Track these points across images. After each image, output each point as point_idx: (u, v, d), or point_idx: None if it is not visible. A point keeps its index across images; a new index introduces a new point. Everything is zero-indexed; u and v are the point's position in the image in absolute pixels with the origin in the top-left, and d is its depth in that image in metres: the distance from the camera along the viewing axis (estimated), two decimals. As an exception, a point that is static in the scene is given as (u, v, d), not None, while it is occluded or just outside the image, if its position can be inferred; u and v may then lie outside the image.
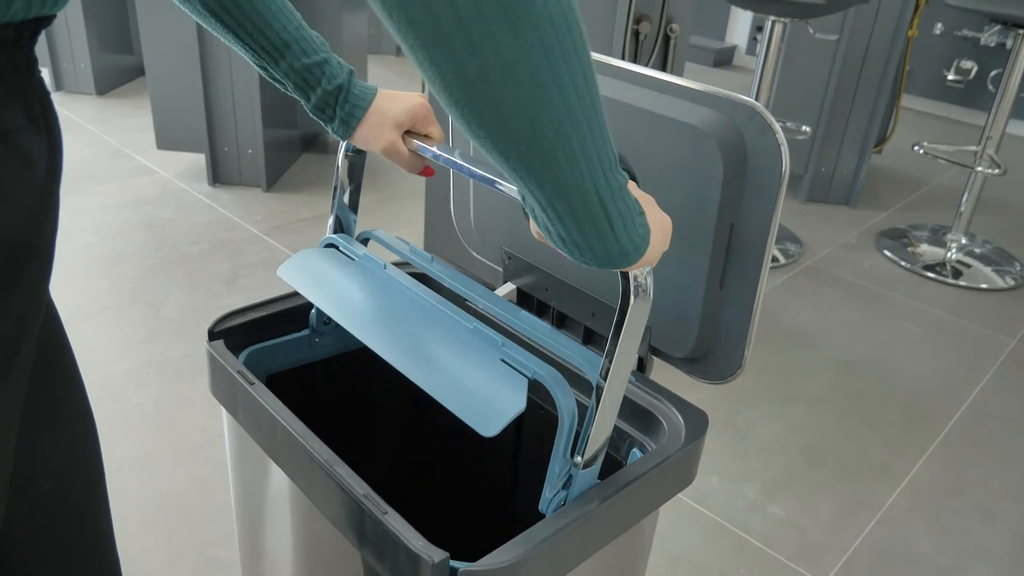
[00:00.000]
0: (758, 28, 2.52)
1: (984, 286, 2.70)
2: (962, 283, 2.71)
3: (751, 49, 5.31)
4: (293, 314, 0.96)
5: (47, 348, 0.67)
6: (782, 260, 2.75)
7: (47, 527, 0.65)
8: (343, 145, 0.90)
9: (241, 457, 0.91)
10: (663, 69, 2.13)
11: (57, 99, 3.65)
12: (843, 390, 2.11)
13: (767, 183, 0.70)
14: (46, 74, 3.77)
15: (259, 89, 2.74)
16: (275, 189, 2.93)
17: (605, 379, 0.66)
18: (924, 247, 2.92)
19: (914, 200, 3.40)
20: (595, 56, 0.79)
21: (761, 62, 2.58)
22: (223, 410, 0.89)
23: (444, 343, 0.71)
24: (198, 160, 3.03)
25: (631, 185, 0.62)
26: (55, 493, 0.68)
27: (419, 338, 0.73)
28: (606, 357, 0.65)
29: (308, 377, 1.01)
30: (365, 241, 0.92)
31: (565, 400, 0.66)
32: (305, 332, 0.96)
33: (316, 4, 2.96)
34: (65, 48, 3.66)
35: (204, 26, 0.79)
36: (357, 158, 0.91)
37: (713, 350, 0.84)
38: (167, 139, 2.87)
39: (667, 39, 2.09)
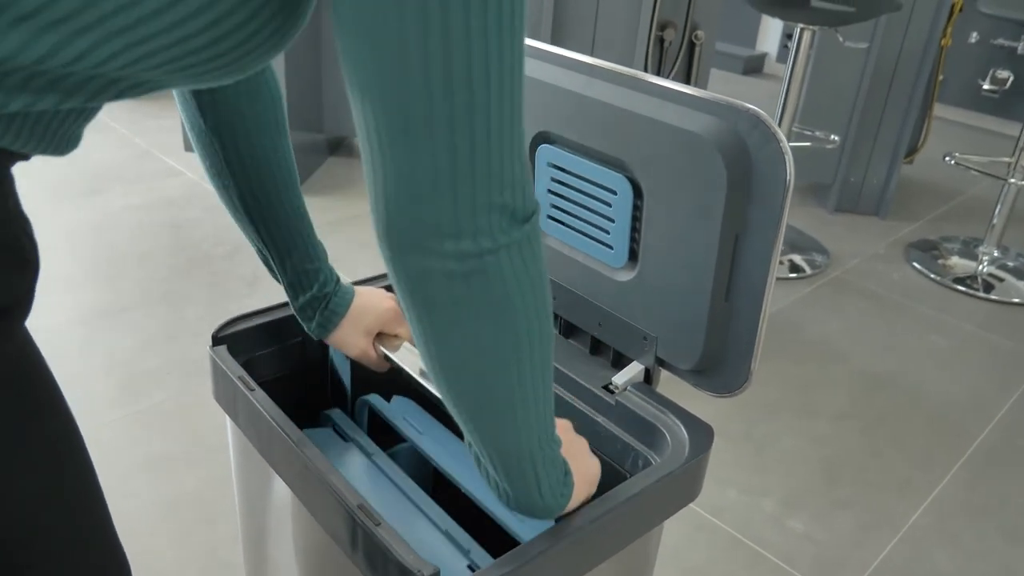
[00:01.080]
0: (788, 36, 2.49)
1: (1016, 300, 2.64)
2: (993, 297, 2.65)
3: (782, 57, 5.26)
4: (292, 322, 0.95)
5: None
6: (808, 271, 2.71)
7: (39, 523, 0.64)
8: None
9: (243, 463, 0.90)
10: (687, 76, 2.11)
11: (90, 101, 3.70)
12: (867, 404, 2.07)
13: (772, 193, 0.68)
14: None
15: (285, 92, 2.75)
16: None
17: None
18: (955, 259, 2.87)
19: (946, 211, 3.34)
20: (597, 62, 0.78)
21: (789, 70, 2.55)
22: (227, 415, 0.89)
23: (415, 545, 0.70)
24: (225, 163, 3.06)
25: (564, 427, 0.73)
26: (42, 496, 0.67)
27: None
28: None
29: (306, 383, 1.00)
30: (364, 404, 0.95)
31: None
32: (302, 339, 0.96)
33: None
34: (99, 51, 3.71)
35: (228, 212, 0.85)
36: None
37: (720, 362, 0.82)
38: (194, 141, 2.89)
39: (692, 46, 2.08)
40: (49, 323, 2.08)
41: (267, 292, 2.30)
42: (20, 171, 0.57)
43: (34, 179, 2.83)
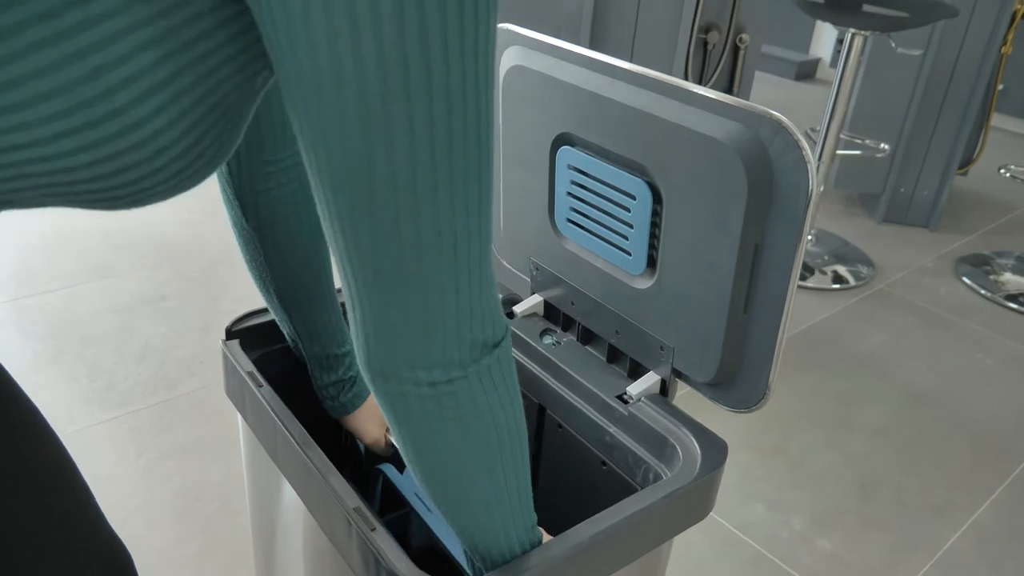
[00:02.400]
0: (840, 40, 2.42)
1: (1071, 320, 2.54)
2: (1046, 315, 2.56)
3: (835, 62, 5.14)
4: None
5: None
6: (852, 282, 2.64)
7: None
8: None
9: (252, 458, 0.90)
10: (730, 80, 2.07)
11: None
12: (907, 421, 2.01)
13: (793, 203, 0.66)
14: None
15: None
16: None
17: None
18: (1007, 276, 2.77)
19: (1000, 225, 3.23)
20: (620, 63, 0.76)
21: (839, 76, 2.48)
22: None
23: None
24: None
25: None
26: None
27: None
28: None
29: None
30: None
31: None
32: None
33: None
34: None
35: (263, 297, 0.87)
36: None
37: (737, 377, 0.80)
38: (239, 134, 2.93)
39: (736, 49, 2.03)
40: (89, 308, 2.12)
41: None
42: None
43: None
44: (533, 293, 1.00)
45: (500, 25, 0.89)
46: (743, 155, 0.66)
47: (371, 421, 0.93)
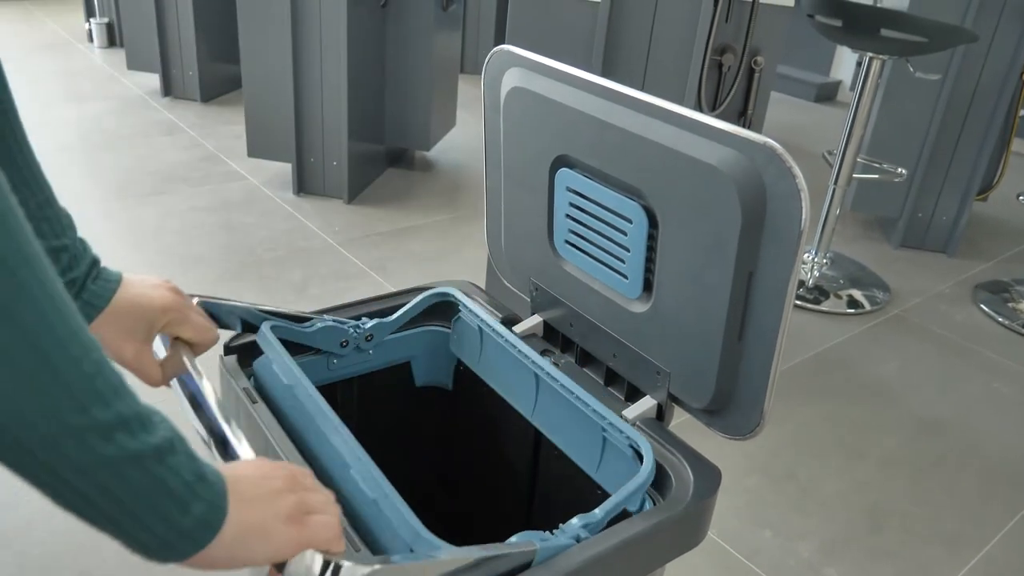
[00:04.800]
0: (859, 63, 2.42)
1: (1090, 350, 2.50)
2: (1065, 345, 2.52)
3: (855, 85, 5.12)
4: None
5: None
6: (867, 307, 2.62)
7: None
8: None
9: (246, 472, 0.90)
10: (745, 103, 2.06)
11: (164, 104, 3.82)
12: (919, 449, 1.98)
13: (786, 231, 0.65)
14: (156, 79, 3.95)
15: (347, 103, 2.79)
16: (356, 202, 2.98)
17: None
18: (1026, 303, 2.73)
19: (1019, 252, 3.19)
20: (618, 87, 0.76)
21: (856, 100, 2.47)
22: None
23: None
24: (286, 169, 3.11)
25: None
26: None
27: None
28: None
29: (329, 397, 1.00)
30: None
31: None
32: (323, 355, 0.95)
33: (411, 24, 3.01)
34: (176, 55, 3.83)
35: None
36: None
37: (732, 404, 0.79)
38: (258, 147, 2.96)
39: (751, 72, 2.03)
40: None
41: (315, 299, 2.32)
42: (93, 168, 0.53)
43: (102, 178, 2.93)
44: (533, 313, 1.00)
45: (501, 46, 0.89)
46: (738, 182, 0.66)
47: (118, 337, 0.70)
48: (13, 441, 0.41)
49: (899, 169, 2.79)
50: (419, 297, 1.00)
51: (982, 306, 2.70)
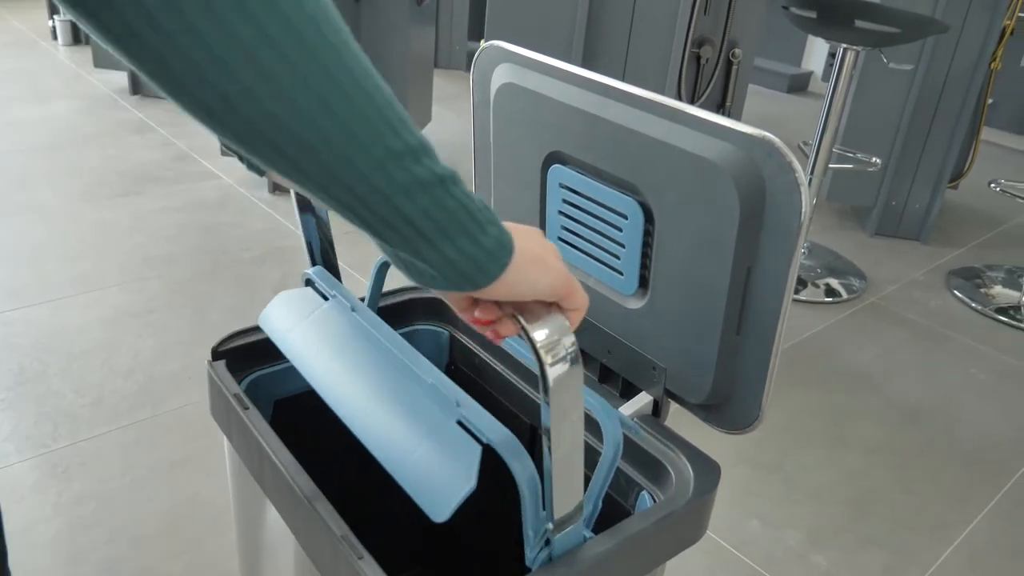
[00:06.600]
0: (833, 55, 2.43)
1: (1062, 334, 2.55)
2: (1038, 329, 2.56)
3: (827, 76, 5.16)
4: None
5: None
6: (844, 295, 2.64)
7: None
8: None
9: (238, 481, 0.89)
10: (723, 94, 2.07)
11: (133, 103, 3.76)
12: (901, 437, 2.00)
13: (786, 225, 0.65)
14: (124, 77, 3.89)
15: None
16: (332, 199, 2.95)
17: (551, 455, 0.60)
18: (998, 288, 2.77)
19: (990, 239, 3.24)
20: (612, 82, 0.75)
21: (831, 91, 2.49)
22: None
23: (400, 404, 0.66)
24: (260, 168, 3.07)
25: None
26: None
27: (375, 398, 0.69)
28: (544, 434, 0.59)
29: (319, 402, 0.98)
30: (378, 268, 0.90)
31: (521, 468, 0.60)
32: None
33: (384, 18, 2.98)
34: (143, 54, 3.77)
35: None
36: None
37: (730, 398, 0.79)
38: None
39: (729, 64, 2.03)
40: (77, 322, 2.10)
41: (293, 299, 2.29)
42: (62, 169, 0.53)
43: (70, 179, 2.87)
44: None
45: (491, 42, 0.88)
46: (736, 176, 0.65)
47: None
48: (350, 176, 0.45)
49: (873, 159, 2.81)
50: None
51: (956, 292, 2.73)
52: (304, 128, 0.42)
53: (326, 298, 0.84)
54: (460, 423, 0.64)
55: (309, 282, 0.87)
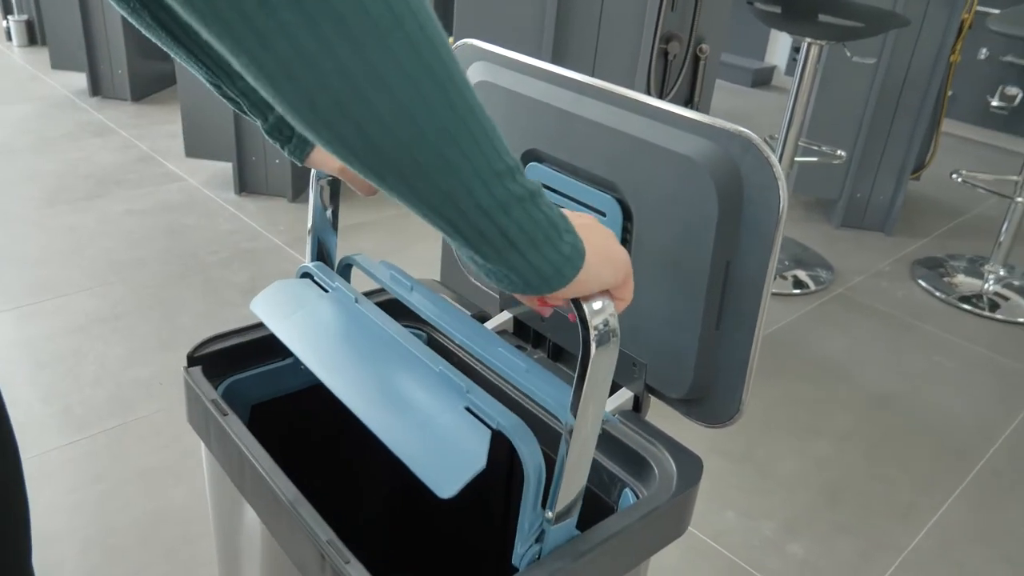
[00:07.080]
0: (796, 49, 2.47)
1: (1022, 320, 2.60)
2: (999, 316, 2.61)
3: (791, 70, 5.22)
4: (279, 341, 0.93)
5: None
6: (812, 287, 2.67)
7: None
8: (313, 171, 0.86)
9: (216, 488, 0.87)
10: (691, 90, 2.08)
11: (93, 104, 3.70)
12: (871, 424, 2.03)
13: (764, 220, 0.65)
14: (83, 78, 3.82)
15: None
16: (301, 200, 2.93)
17: (571, 435, 0.62)
18: (961, 277, 2.83)
19: (952, 229, 3.30)
20: (588, 79, 0.76)
21: (796, 85, 2.52)
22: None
23: (407, 389, 0.66)
24: (226, 168, 3.04)
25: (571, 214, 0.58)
26: None
27: (382, 383, 0.69)
28: (571, 409, 0.60)
29: (298, 406, 0.97)
30: (348, 266, 0.89)
31: (530, 453, 0.61)
32: (291, 360, 0.93)
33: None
34: (103, 53, 3.70)
35: (152, 39, 0.74)
36: (334, 182, 0.87)
37: (710, 392, 0.79)
38: (196, 147, 2.88)
39: (696, 59, 2.04)
40: (43, 330, 2.06)
41: (263, 301, 2.27)
42: (21, 173, 0.53)
43: (31, 184, 2.81)
44: (502, 310, 0.99)
45: (465, 40, 0.88)
46: (713, 173, 0.66)
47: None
48: (460, 195, 0.49)
49: (838, 151, 2.85)
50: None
51: (920, 282, 2.78)
52: (425, 155, 0.46)
53: (326, 290, 0.83)
54: (469, 409, 0.65)
55: (307, 275, 0.87)
